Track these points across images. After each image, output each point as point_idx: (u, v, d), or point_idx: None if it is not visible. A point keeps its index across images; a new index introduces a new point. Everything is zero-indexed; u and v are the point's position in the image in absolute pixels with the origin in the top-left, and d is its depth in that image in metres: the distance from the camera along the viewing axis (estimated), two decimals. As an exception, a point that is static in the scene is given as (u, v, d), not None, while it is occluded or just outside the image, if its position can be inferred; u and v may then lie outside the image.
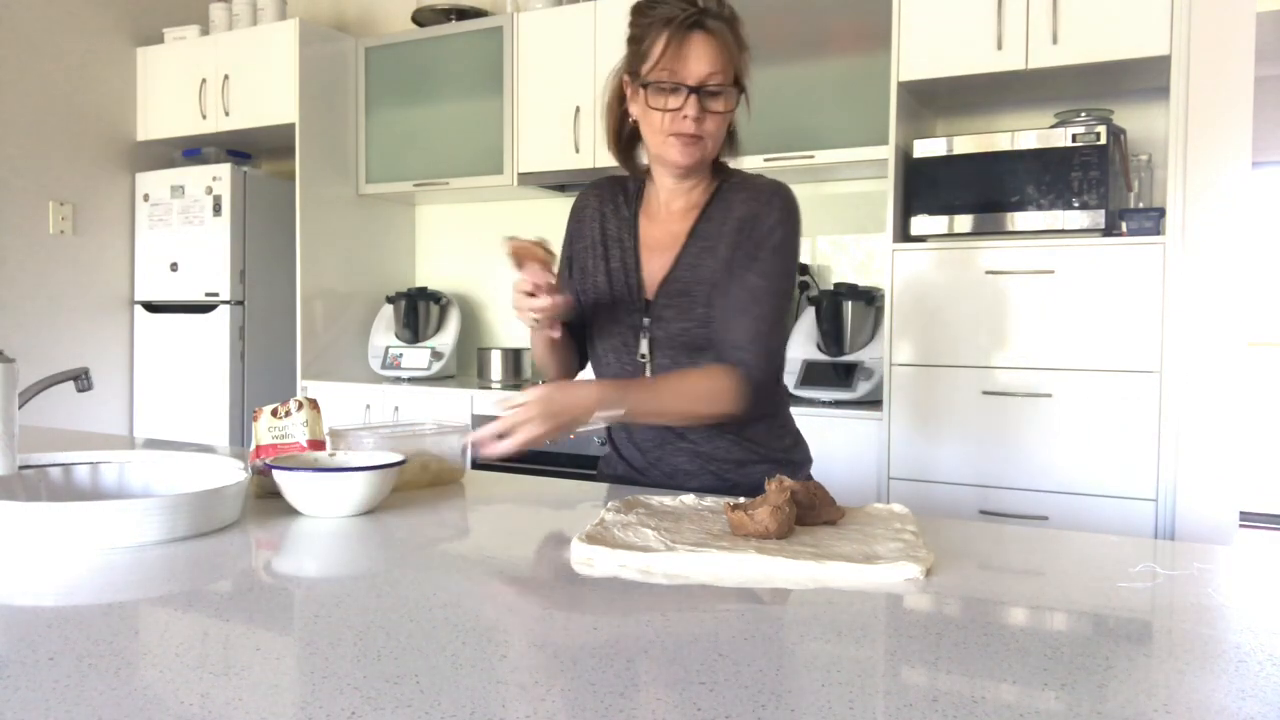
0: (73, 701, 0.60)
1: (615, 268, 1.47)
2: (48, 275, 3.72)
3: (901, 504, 1.20)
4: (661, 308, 1.42)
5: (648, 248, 1.47)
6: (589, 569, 0.94)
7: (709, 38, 1.32)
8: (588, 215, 1.53)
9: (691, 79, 1.32)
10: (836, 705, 0.61)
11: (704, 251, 1.41)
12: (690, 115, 1.33)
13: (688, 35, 1.31)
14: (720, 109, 1.35)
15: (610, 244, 1.49)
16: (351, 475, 1.15)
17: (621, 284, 1.46)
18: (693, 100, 1.32)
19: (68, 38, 3.74)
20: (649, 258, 1.46)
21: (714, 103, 1.34)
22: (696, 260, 1.41)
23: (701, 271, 1.40)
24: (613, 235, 1.49)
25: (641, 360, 1.44)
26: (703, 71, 1.32)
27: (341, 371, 3.77)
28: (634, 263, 1.46)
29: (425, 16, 3.67)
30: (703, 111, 1.34)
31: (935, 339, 2.64)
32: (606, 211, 1.51)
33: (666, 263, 1.44)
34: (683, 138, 1.35)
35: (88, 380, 1.67)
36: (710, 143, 1.37)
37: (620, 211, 1.50)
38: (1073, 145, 2.51)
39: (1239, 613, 0.82)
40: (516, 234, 1.36)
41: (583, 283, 1.50)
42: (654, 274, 1.44)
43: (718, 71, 1.32)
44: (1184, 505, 2.44)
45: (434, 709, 0.59)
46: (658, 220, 1.48)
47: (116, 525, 0.99)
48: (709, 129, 1.35)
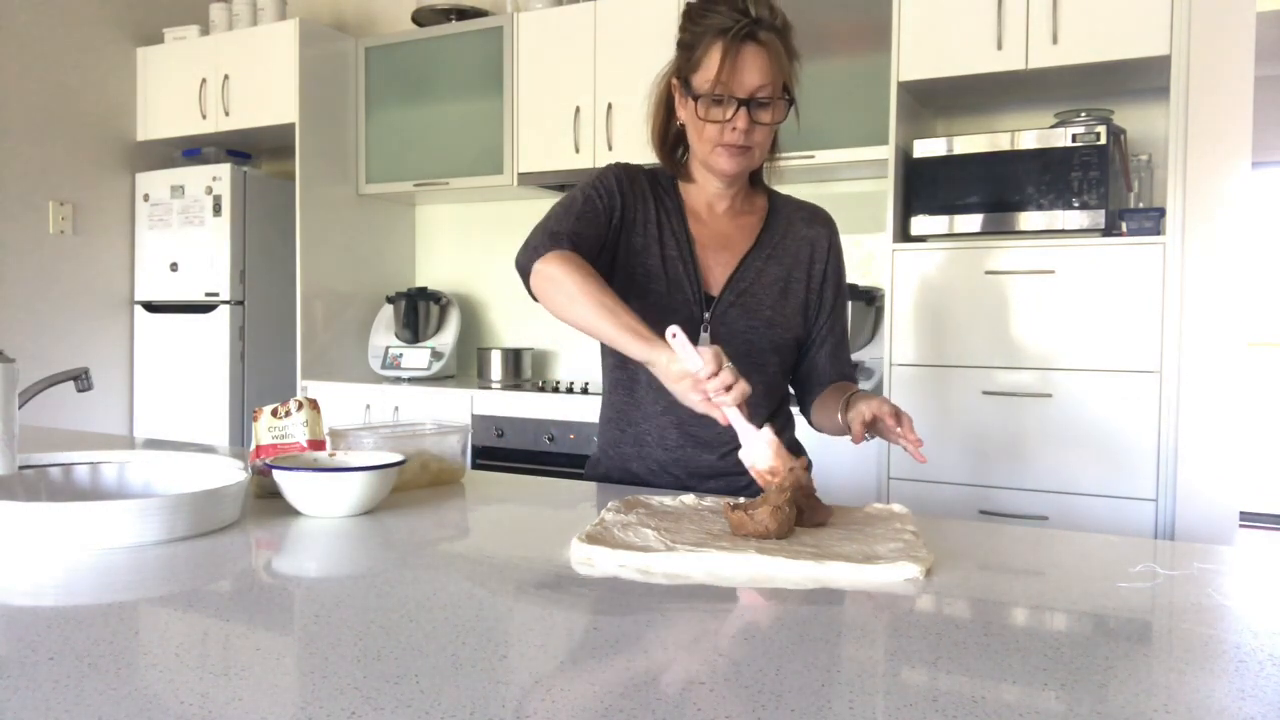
0: (73, 701, 0.60)
1: (671, 255, 1.45)
2: (48, 275, 3.72)
3: (901, 504, 1.20)
4: (726, 305, 1.44)
5: (701, 244, 1.47)
6: (589, 569, 0.94)
7: (761, 49, 1.32)
8: (643, 191, 1.49)
9: (742, 91, 1.33)
10: (836, 705, 0.61)
11: (771, 260, 1.47)
12: (740, 128, 1.34)
13: (740, 47, 1.31)
14: (769, 120, 1.36)
15: (663, 229, 1.47)
16: (351, 475, 1.15)
17: (679, 273, 1.44)
18: (743, 113, 1.34)
19: (68, 38, 3.74)
20: (705, 254, 1.47)
21: (763, 114, 1.35)
22: (764, 265, 1.47)
23: (767, 277, 1.46)
24: (664, 221, 1.47)
25: None
26: (754, 84, 1.32)
27: (341, 371, 3.77)
28: (690, 255, 1.46)
29: (425, 16, 3.67)
30: (752, 123, 1.35)
31: (935, 339, 2.64)
32: (657, 193, 1.50)
33: (728, 262, 1.46)
34: (731, 148, 1.37)
35: (88, 380, 1.67)
36: (758, 152, 1.40)
37: (665, 201, 1.49)
38: (1073, 145, 2.51)
39: (1239, 613, 0.82)
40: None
41: (626, 258, 1.45)
42: (714, 271, 1.46)
43: (768, 83, 1.33)
44: (1184, 505, 2.44)
45: (434, 709, 0.59)
46: (703, 219, 1.49)
47: (116, 525, 0.99)
48: (757, 139, 1.37)
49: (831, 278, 1.51)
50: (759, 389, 1.41)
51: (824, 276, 1.50)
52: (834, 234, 1.53)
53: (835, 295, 1.52)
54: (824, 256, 1.50)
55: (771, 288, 1.46)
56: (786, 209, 1.53)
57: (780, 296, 1.47)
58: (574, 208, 1.42)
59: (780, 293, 1.47)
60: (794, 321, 1.48)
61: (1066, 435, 2.49)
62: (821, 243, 1.51)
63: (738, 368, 1.37)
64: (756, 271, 1.46)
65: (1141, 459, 2.42)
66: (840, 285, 1.53)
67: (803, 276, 1.49)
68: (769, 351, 1.46)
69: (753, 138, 1.36)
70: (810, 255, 1.50)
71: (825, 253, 1.51)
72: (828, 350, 1.52)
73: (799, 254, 1.49)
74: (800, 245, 1.50)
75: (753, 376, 1.40)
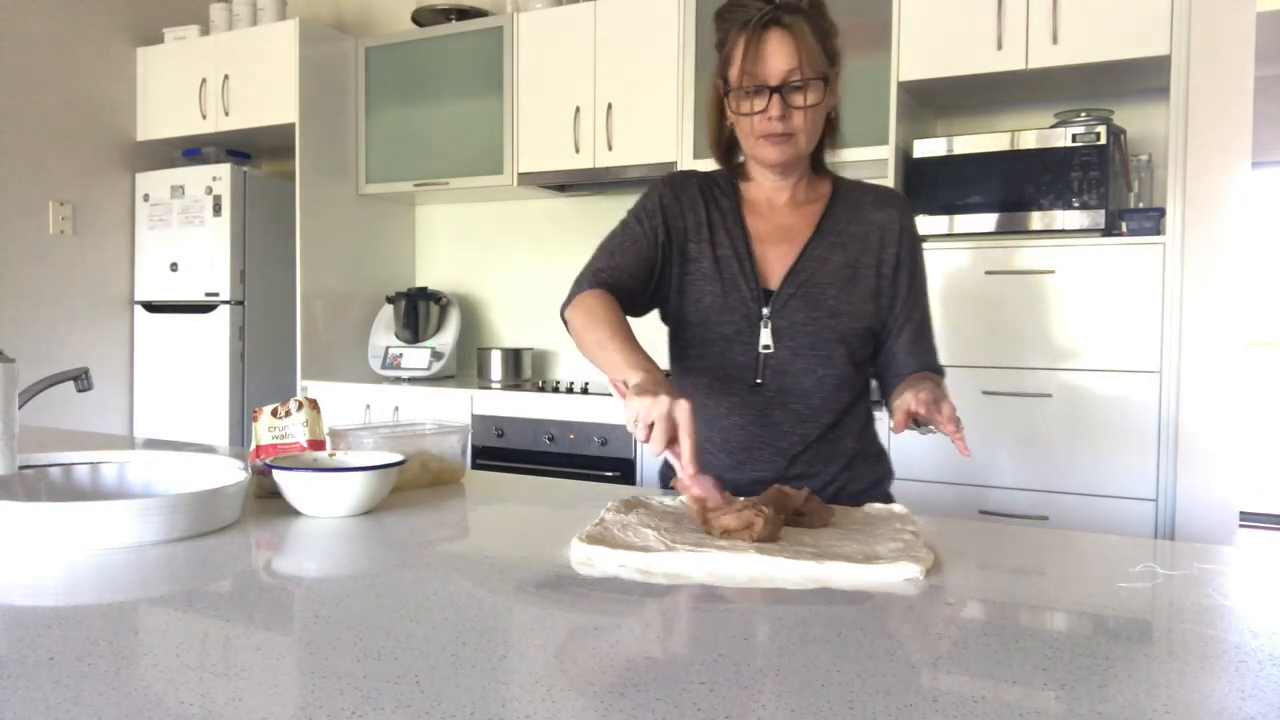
0: (72, 701, 0.60)
1: (724, 255, 1.42)
2: (48, 275, 3.72)
3: (901, 504, 1.20)
4: (786, 298, 1.39)
5: (759, 240, 1.43)
6: (589, 569, 0.94)
7: (785, 34, 1.29)
8: (690, 195, 1.46)
9: (772, 78, 1.30)
10: (836, 705, 0.61)
11: (835, 247, 1.41)
12: (774, 115, 1.32)
13: (763, 35, 1.30)
14: (804, 103, 1.32)
15: (716, 230, 1.44)
16: (351, 475, 1.15)
17: (734, 271, 1.41)
18: (775, 100, 1.31)
19: (68, 38, 3.74)
20: (763, 249, 1.43)
21: (797, 98, 1.32)
22: (827, 254, 1.41)
23: (830, 265, 1.40)
24: (717, 222, 1.44)
25: (765, 351, 1.39)
26: (782, 69, 1.30)
27: (341, 371, 3.77)
28: (746, 251, 1.42)
29: (425, 16, 3.67)
30: (788, 109, 1.32)
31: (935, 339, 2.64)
32: (708, 196, 1.46)
33: (788, 254, 1.42)
34: (772, 138, 1.34)
35: (88, 380, 1.67)
36: (803, 137, 1.35)
37: (720, 202, 1.46)
38: (1073, 145, 2.51)
39: (1239, 613, 0.82)
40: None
41: (681, 265, 1.44)
42: (773, 264, 1.42)
43: (800, 66, 1.30)
44: (1184, 505, 2.44)
45: (434, 709, 0.59)
46: (762, 213, 1.45)
47: (116, 525, 0.99)
48: (798, 124, 1.33)
49: (905, 262, 1.43)
50: (827, 383, 1.39)
51: (896, 261, 1.42)
52: (906, 216, 1.45)
53: (910, 280, 1.44)
54: (895, 240, 1.42)
55: (836, 276, 1.40)
56: (853, 193, 1.47)
57: (846, 284, 1.40)
58: (614, 240, 1.45)
59: (847, 280, 1.40)
60: (863, 310, 1.40)
61: (1066, 435, 2.49)
62: (892, 225, 1.43)
63: (802, 363, 1.38)
64: (819, 260, 1.41)
65: (1141, 459, 2.42)
66: (916, 270, 1.45)
67: (872, 262, 1.42)
68: (834, 342, 1.39)
69: (792, 123, 1.33)
70: (880, 239, 1.42)
71: (896, 236, 1.42)
72: (906, 340, 1.44)
73: (867, 239, 1.42)
74: (869, 230, 1.43)
75: (818, 370, 1.39)
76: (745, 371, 1.40)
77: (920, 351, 1.45)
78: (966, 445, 1.17)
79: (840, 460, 1.42)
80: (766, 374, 1.39)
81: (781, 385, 1.39)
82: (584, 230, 3.75)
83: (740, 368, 1.40)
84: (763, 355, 1.39)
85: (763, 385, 1.39)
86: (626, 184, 3.45)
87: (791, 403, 1.39)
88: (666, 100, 3.16)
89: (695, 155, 3.10)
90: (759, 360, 1.39)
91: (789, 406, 1.39)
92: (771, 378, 1.39)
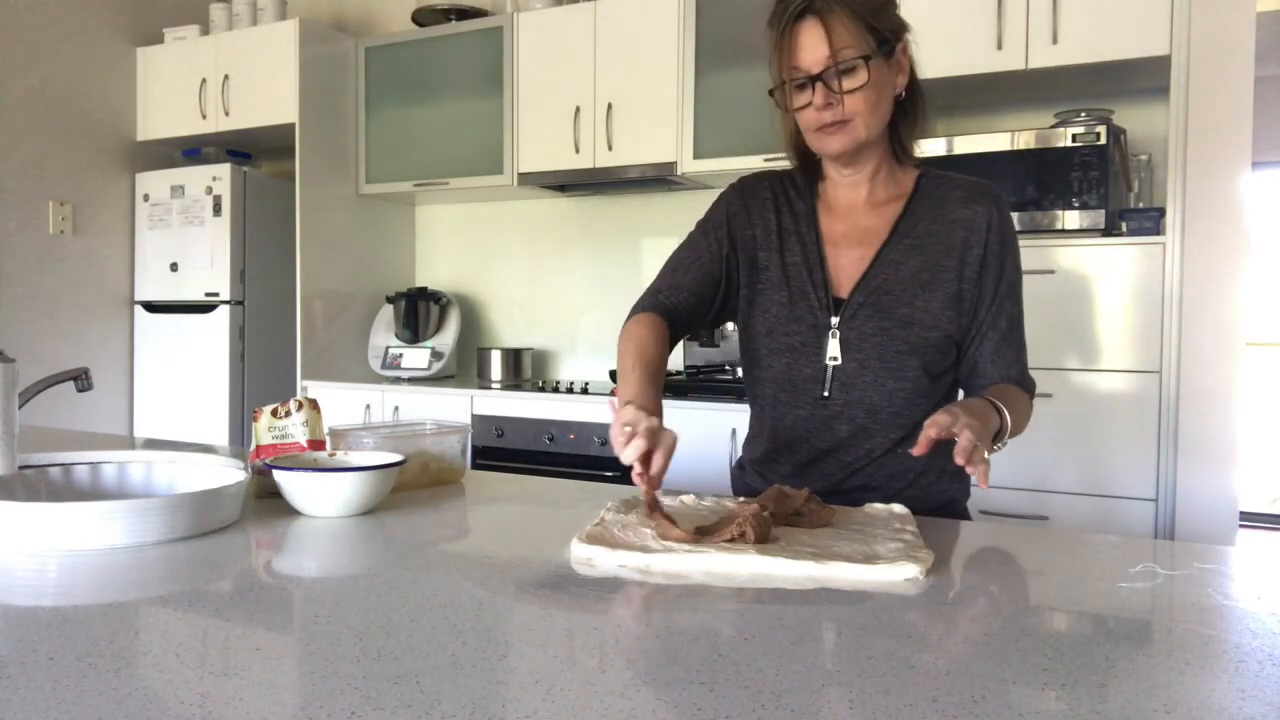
0: (72, 701, 0.60)
1: (794, 262, 1.36)
2: (48, 275, 3.72)
3: (901, 504, 1.20)
4: (856, 307, 1.32)
5: (833, 243, 1.37)
6: (589, 569, 0.94)
7: (816, 20, 1.24)
8: (760, 203, 1.41)
9: (813, 67, 1.25)
10: (837, 705, 0.61)
11: (911, 250, 1.32)
12: (820, 104, 1.26)
13: (795, 27, 1.25)
14: (851, 86, 1.25)
15: (787, 237, 1.38)
16: (351, 475, 1.15)
17: (803, 280, 1.35)
18: (819, 89, 1.25)
19: (68, 38, 3.74)
20: (836, 253, 1.36)
21: (843, 82, 1.25)
22: (901, 258, 1.32)
23: (905, 270, 1.32)
24: (789, 228, 1.38)
25: (832, 363, 1.32)
26: (819, 56, 1.24)
27: (341, 371, 3.77)
28: (817, 258, 1.36)
29: (425, 16, 3.67)
30: (832, 95, 1.25)
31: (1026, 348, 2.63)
32: (780, 202, 1.40)
33: (862, 259, 1.34)
34: (826, 129, 1.28)
35: (88, 380, 1.67)
36: (860, 122, 1.27)
37: (794, 205, 1.40)
38: (1073, 145, 2.51)
39: (1239, 613, 0.82)
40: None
41: (749, 275, 1.39)
42: (845, 271, 1.35)
43: (834, 51, 1.23)
44: (1184, 505, 2.44)
45: (434, 709, 0.59)
46: (839, 214, 1.38)
47: (116, 525, 0.99)
48: (850, 109, 1.26)
49: (992, 264, 1.31)
50: (897, 397, 1.31)
51: (982, 263, 1.31)
52: (996, 212, 1.33)
53: (997, 283, 1.32)
54: (980, 239, 1.31)
55: (910, 282, 1.31)
56: (938, 189, 1.36)
57: (922, 290, 1.31)
58: (679, 255, 1.42)
59: (922, 286, 1.31)
60: (941, 317, 1.30)
61: (1066, 435, 2.49)
62: (979, 224, 1.31)
63: (871, 375, 1.30)
64: (893, 265, 1.32)
65: (1141, 459, 2.42)
66: (1004, 272, 1.32)
67: (954, 265, 1.31)
68: (906, 354, 1.30)
69: (843, 109, 1.26)
70: (964, 239, 1.31)
71: (983, 235, 1.31)
72: (989, 348, 1.33)
73: (950, 239, 1.32)
74: (952, 229, 1.32)
75: (888, 383, 1.31)
76: (812, 385, 1.33)
77: (1004, 361, 1.33)
78: (985, 478, 1.07)
79: (907, 476, 1.34)
80: (834, 387, 1.32)
81: (849, 399, 1.32)
82: (584, 230, 3.75)
83: (807, 380, 1.34)
84: (830, 367, 1.32)
85: (829, 399, 1.33)
86: (626, 184, 3.45)
87: (859, 417, 1.32)
88: (666, 100, 3.16)
89: (695, 155, 3.10)
90: (826, 373, 1.33)
91: (856, 421, 1.32)
92: (838, 391, 1.32)
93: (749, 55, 3.00)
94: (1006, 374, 1.33)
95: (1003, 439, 1.23)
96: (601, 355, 3.68)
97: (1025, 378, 1.36)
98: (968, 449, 1.05)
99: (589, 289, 3.72)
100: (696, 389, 3.01)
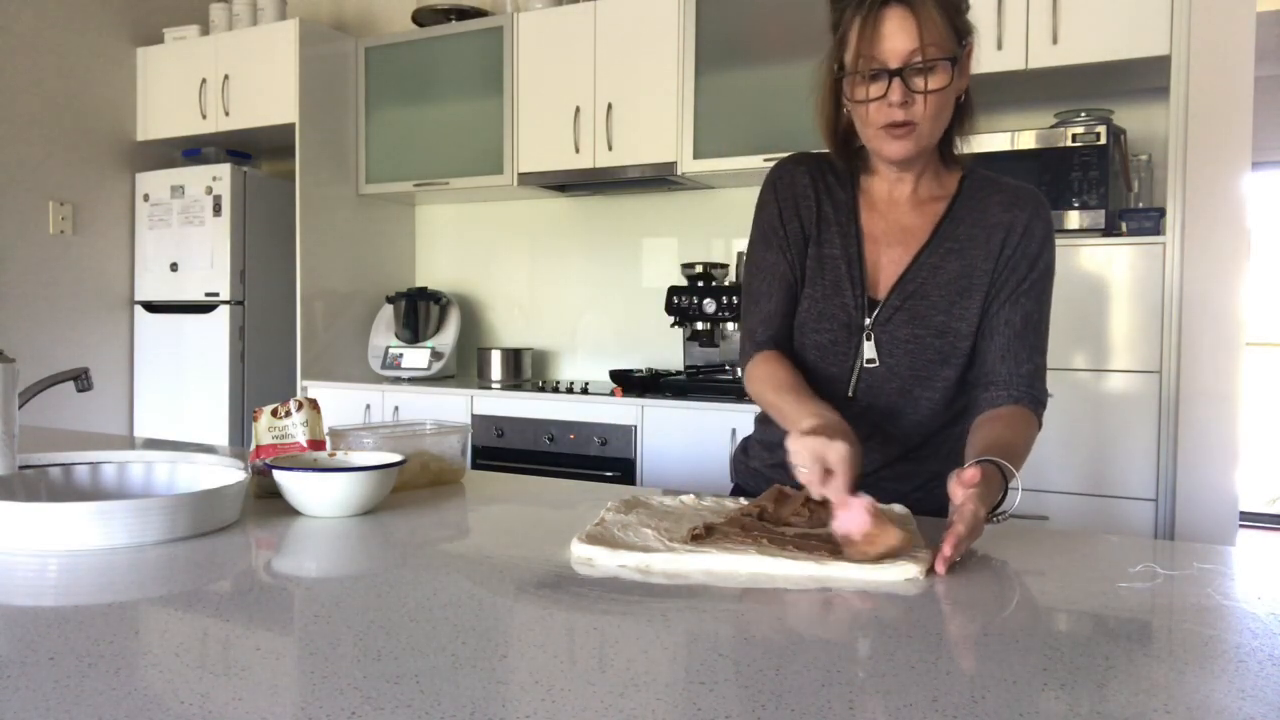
0: (72, 701, 0.60)
1: (832, 254, 1.31)
2: (48, 275, 3.72)
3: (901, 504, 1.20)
4: (891, 311, 1.27)
5: (873, 239, 1.30)
6: (589, 569, 0.94)
7: (906, 11, 1.15)
8: (799, 190, 1.34)
9: (892, 60, 1.16)
10: (836, 705, 0.61)
11: (950, 254, 1.27)
12: (895, 101, 1.17)
13: (881, 13, 1.16)
14: (932, 87, 1.17)
15: (826, 227, 1.32)
16: (351, 475, 1.15)
17: (840, 275, 1.30)
18: (896, 84, 1.16)
19: (68, 38, 3.74)
20: (875, 251, 1.30)
21: (921, 82, 1.17)
22: (941, 262, 1.27)
23: (944, 275, 1.26)
24: (829, 217, 1.32)
25: (870, 365, 1.28)
26: (903, 49, 1.15)
27: (341, 371, 3.77)
28: (857, 253, 1.29)
29: (425, 16, 3.67)
30: (910, 94, 1.17)
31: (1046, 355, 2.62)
32: (820, 188, 1.33)
33: (901, 259, 1.28)
34: (893, 129, 1.19)
35: (88, 380, 1.67)
36: (926, 127, 1.20)
37: (835, 194, 1.33)
38: (1073, 145, 2.51)
39: (1239, 613, 0.82)
40: None
41: (804, 264, 1.33)
42: (885, 269, 1.29)
43: (922, 46, 1.15)
44: (1184, 505, 2.44)
45: (434, 709, 0.59)
46: (880, 209, 1.32)
47: (116, 525, 0.98)
48: (921, 112, 1.18)
49: (1020, 261, 1.26)
50: (922, 406, 1.27)
51: (1012, 263, 1.26)
52: (1037, 217, 1.27)
53: (1020, 280, 1.26)
54: (1016, 241, 1.26)
55: (948, 287, 1.26)
56: (981, 191, 1.29)
57: (959, 297, 1.26)
58: (755, 283, 1.35)
59: (960, 293, 1.26)
60: (974, 326, 1.26)
61: (1066, 435, 2.49)
62: (1017, 228, 1.26)
63: (899, 382, 1.26)
64: (931, 269, 1.26)
65: (1141, 459, 2.42)
66: (1032, 269, 1.26)
67: (989, 269, 1.26)
68: (937, 364, 1.26)
69: (914, 111, 1.18)
70: (1002, 241, 1.26)
71: (1019, 238, 1.26)
72: (1000, 343, 1.25)
73: (990, 243, 1.26)
74: (993, 232, 1.26)
75: (914, 391, 1.27)
76: (837, 385, 1.29)
77: (1015, 360, 1.25)
78: (942, 564, 0.93)
79: (918, 479, 1.31)
80: (860, 389, 1.29)
81: (872, 402, 1.28)
82: (584, 230, 3.75)
83: (833, 380, 1.30)
84: (862, 369, 1.28)
85: (854, 400, 1.29)
86: (626, 184, 3.45)
87: (881, 421, 1.29)
88: (666, 100, 3.16)
89: (695, 155, 3.10)
90: (854, 373, 1.29)
91: (877, 425, 1.29)
92: (864, 394, 1.29)
93: (749, 55, 3.00)
94: (1016, 371, 1.25)
95: (1002, 510, 1.10)
96: (602, 355, 3.69)
97: (1036, 383, 1.28)
98: (958, 535, 0.95)
99: (589, 289, 3.73)
100: (696, 389, 3.01)
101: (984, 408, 1.25)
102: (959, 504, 0.99)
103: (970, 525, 0.96)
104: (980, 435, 1.18)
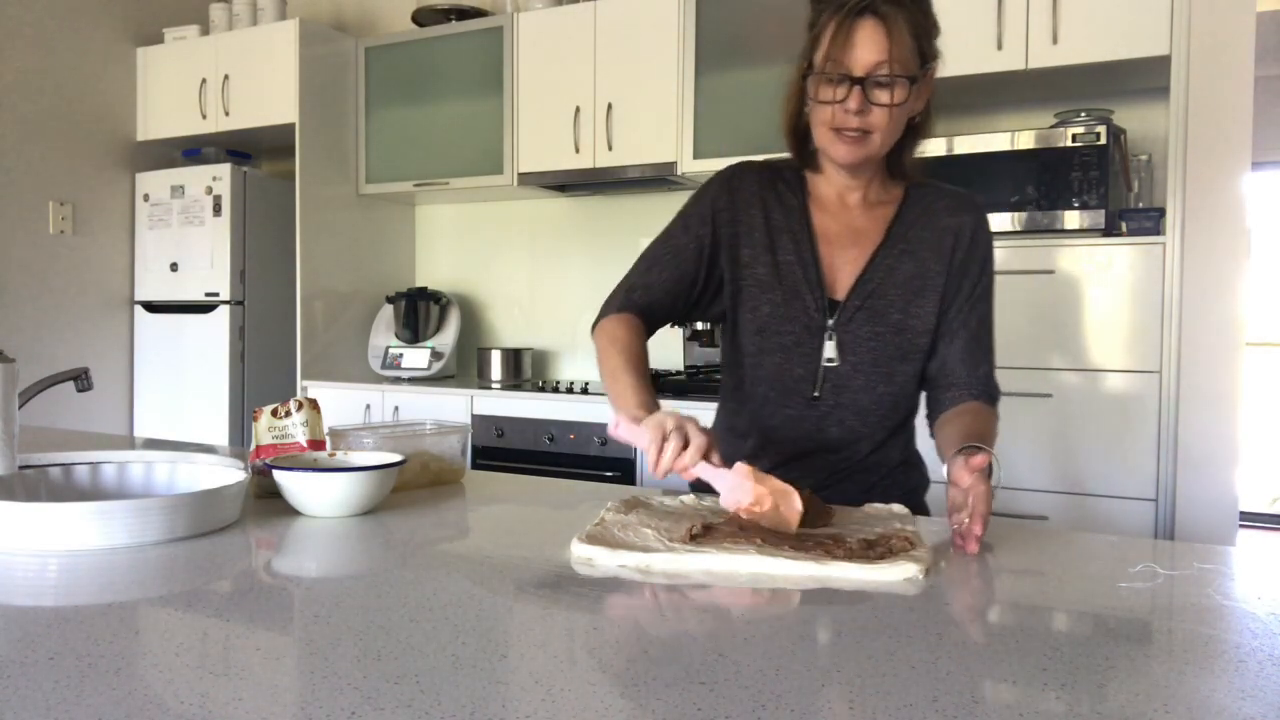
0: (73, 701, 0.60)
1: (786, 260, 1.34)
2: (48, 275, 3.72)
3: (901, 504, 1.20)
4: (852, 311, 1.32)
5: (826, 240, 1.35)
6: (589, 569, 0.94)
7: (879, 23, 1.20)
8: (746, 197, 1.37)
9: (857, 69, 1.21)
10: (836, 705, 0.61)
11: (904, 255, 1.33)
12: (852, 109, 1.22)
13: (855, 22, 1.20)
14: (887, 101, 1.22)
15: (777, 233, 1.35)
16: (351, 475, 1.15)
17: (796, 279, 1.33)
18: (856, 92, 1.21)
19: (68, 38, 3.74)
20: (830, 252, 1.34)
21: (881, 94, 1.22)
22: (895, 262, 1.33)
23: (899, 275, 1.33)
24: (780, 224, 1.35)
25: (829, 364, 1.32)
26: (870, 60, 1.20)
27: (341, 372, 3.77)
28: (812, 256, 1.34)
29: (425, 16, 3.67)
30: (868, 104, 1.22)
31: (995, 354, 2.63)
32: (769, 197, 1.37)
33: (857, 259, 1.34)
34: (845, 134, 1.24)
35: (88, 380, 1.67)
36: (878, 138, 1.25)
37: (785, 200, 1.37)
38: (1073, 145, 2.51)
39: (1239, 613, 0.82)
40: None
41: (733, 272, 1.36)
42: (841, 270, 1.34)
43: (889, 60, 1.20)
44: (1184, 505, 2.44)
45: (434, 709, 0.59)
46: (831, 211, 1.36)
47: (116, 525, 0.98)
48: (875, 122, 1.23)
49: (972, 267, 1.34)
50: (885, 401, 1.33)
51: (963, 266, 1.33)
52: (981, 223, 1.36)
53: (974, 285, 1.34)
54: (966, 244, 1.33)
55: (903, 287, 1.32)
56: (926, 197, 1.37)
57: (914, 296, 1.32)
58: (655, 250, 1.39)
59: (914, 292, 1.32)
60: (929, 324, 1.33)
61: (1066, 435, 2.49)
62: (965, 231, 1.34)
63: (863, 379, 1.32)
64: (887, 269, 1.33)
65: (1141, 459, 2.42)
66: (982, 273, 1.35)
67: (941, 270, 1.33)
68: (896, 360, 1.32)
69: (869, 120, 1.23)
70: (952, 244, 1.33)
71: (968, 241, 1.33)
72: (960, 347, 1.34)
73: (939, 245, 1.33)
74: (942, 236, 1.34)
75: (878, 387, 1.33)
76: (803, 384, 1.34)
77: (973, 361, 1.34)
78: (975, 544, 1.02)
79: (881, 470, 1.37)
80: (825, 388, 1.33)
81: (839, 400, 1.33)
82: (584, 230, 3.75)
83: (798, 380, 1.34)
84: (824, 368, 1.33)
85: (819, 399, 1.34)
86: (626, 184, 3.45)
87: (847, 419, 1.34)
88: (666, 100, 3.16)
89: (695, 155, 3.10)
90: (819, 373, 1.33)
91: (844, 422, 1.34)
92: (829, 392, 1.33)
93: (749, 55, 3.00)
94: (974, 373, 1.35)
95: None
96: (601, 355, 3.68)
97: (991, 381, 1.37)
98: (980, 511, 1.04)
99: (589, 289, 3.72)
100: (696, 389, 3.01)
101: (948, 406, 1.34)
102: (967, 486, 1.05)
103: (989, 505, 1.04)
104: (956, 428, 1.26)
